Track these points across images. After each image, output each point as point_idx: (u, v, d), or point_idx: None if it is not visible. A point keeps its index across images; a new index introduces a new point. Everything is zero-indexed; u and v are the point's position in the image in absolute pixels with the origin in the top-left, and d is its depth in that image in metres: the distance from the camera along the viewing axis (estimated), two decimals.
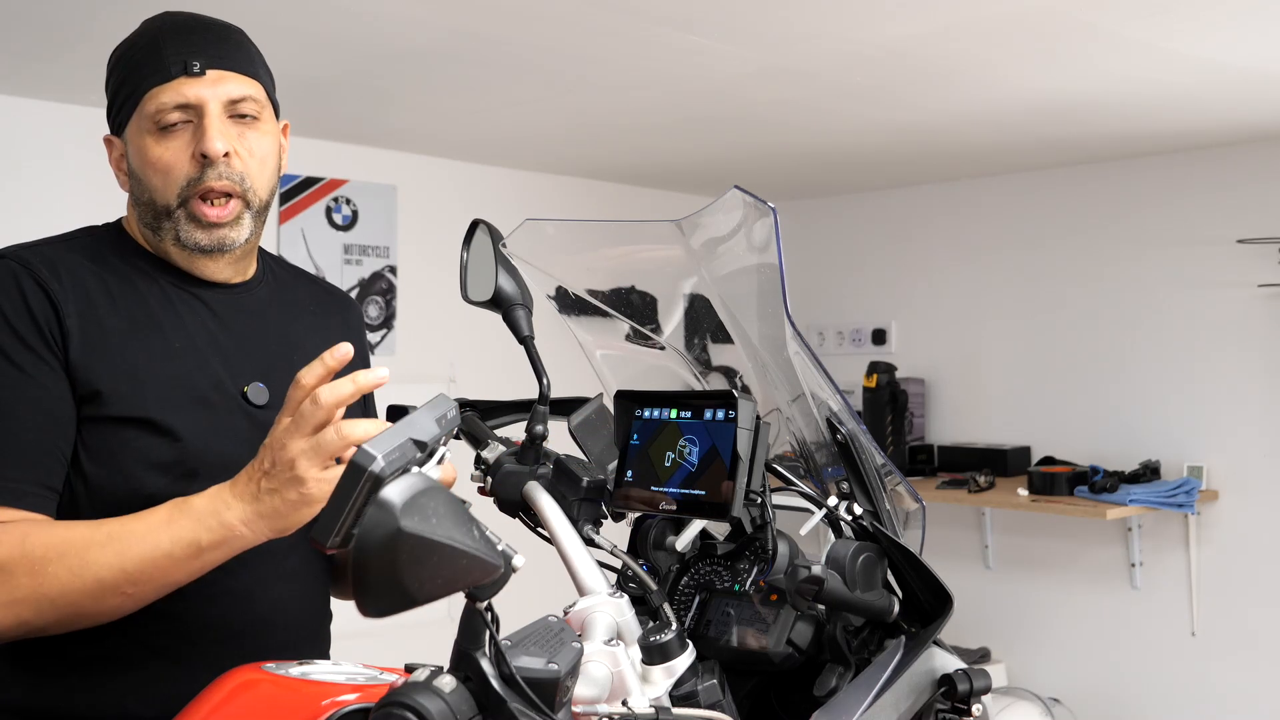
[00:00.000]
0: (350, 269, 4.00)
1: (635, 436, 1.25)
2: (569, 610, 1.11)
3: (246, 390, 1.37)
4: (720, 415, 1.18)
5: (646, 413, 1.25)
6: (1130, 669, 4.14)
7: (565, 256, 1.45)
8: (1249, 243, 3.83)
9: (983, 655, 4.35)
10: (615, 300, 1.40)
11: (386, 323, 4.08)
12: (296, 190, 3.87)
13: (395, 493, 0.79)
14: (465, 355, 4.15)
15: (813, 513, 1.26)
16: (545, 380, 1.32)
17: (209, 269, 1.40)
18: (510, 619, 0.96)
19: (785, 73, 2.99)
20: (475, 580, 0.85)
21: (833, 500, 1.27)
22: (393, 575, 0.79)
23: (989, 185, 4.54)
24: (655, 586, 1.23)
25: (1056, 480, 3.93)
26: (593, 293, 1.40)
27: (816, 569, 1.14)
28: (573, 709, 1.01)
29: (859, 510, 1.25)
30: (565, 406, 1.37)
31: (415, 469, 0.86)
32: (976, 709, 1.16)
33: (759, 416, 1.18)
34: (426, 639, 1.76)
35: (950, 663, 1.19)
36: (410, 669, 0.90)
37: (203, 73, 1.33)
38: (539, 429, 1.32)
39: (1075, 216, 4.30)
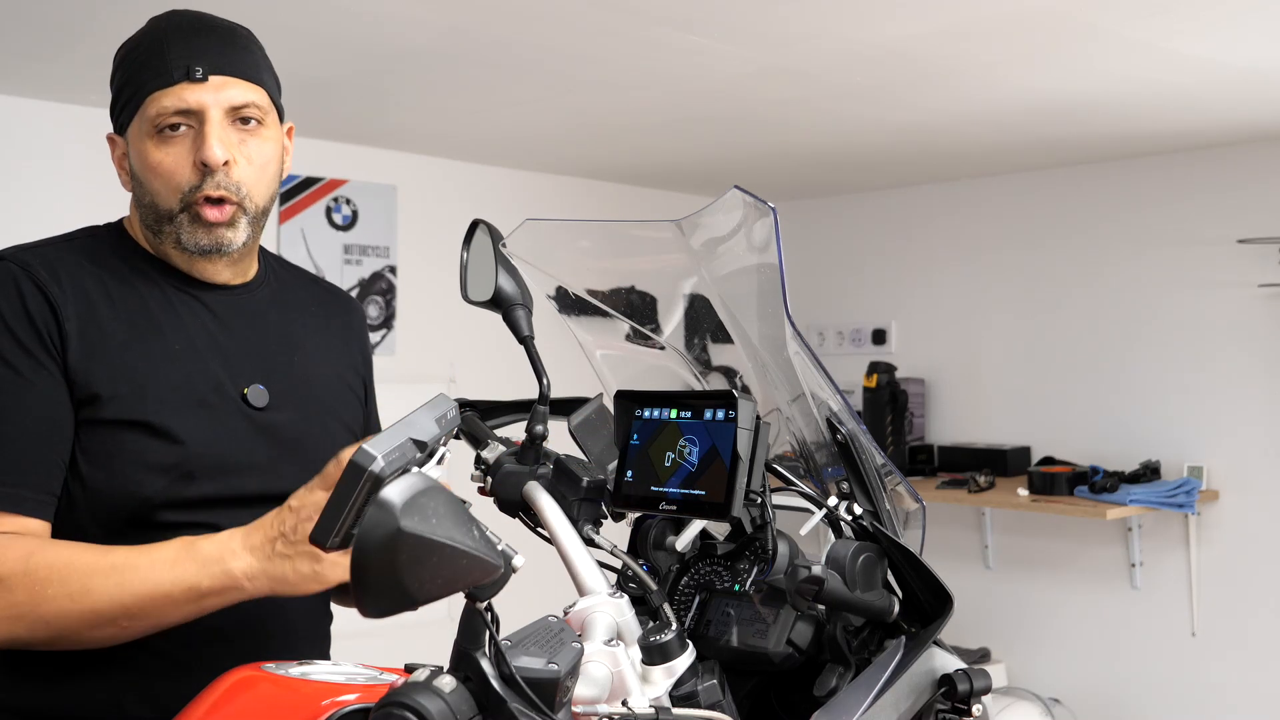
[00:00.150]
0: (350, 269, 4.00)
1: (635, 436, 1.25)
2: (569, 610, 1.11)
3: (247, 392, 1.37)
4: (720, 415, 1.18)
5: (646, 413, 1.25)
6: (1130, 669, 4.14)
7: (565, 256, 1.45)
8: (1249, 243, 3.83)
9: (983, 655, 4.35)
10: (615, 300, 1.40)
11: (386, 323, 4.08)
12: (296, 190, 3.87)
13: (395, 493, 0.79)
14: (465, 355, 4.15)
15: (813, 513, 1.26)
16: (545, 380, 1.32)
17: (209, 270, 1.40)
18: (510, 619, 0.96)
19: (785, 73, 2.99)
20: (475, 580, 0.85)
21: (833, 500, 1.26)
22: (393, 575, 0.79)
23: (989, 185, 4.54)
24: (655, 586, 1.23)
25: (1056, 480, 3.92)
26: (593, 293, 1.40)
27: (816, 569, 1.14)
28: (573, 709, 1.01)
29: (859, 510, 1.25)
30: (565, 406, 1.37)
31: (415, 469, 0.86)
32: (976, 709, 1.16)
33: (759, 416, 1.18)
34: (426, 639, 1.76)
35: (950, 663, 1.19)
36: (410, 669, 0.90)
37: (205, 78, 1.31)
38: (539, 429, 1.31)
39: (1075, 216, 4.30)
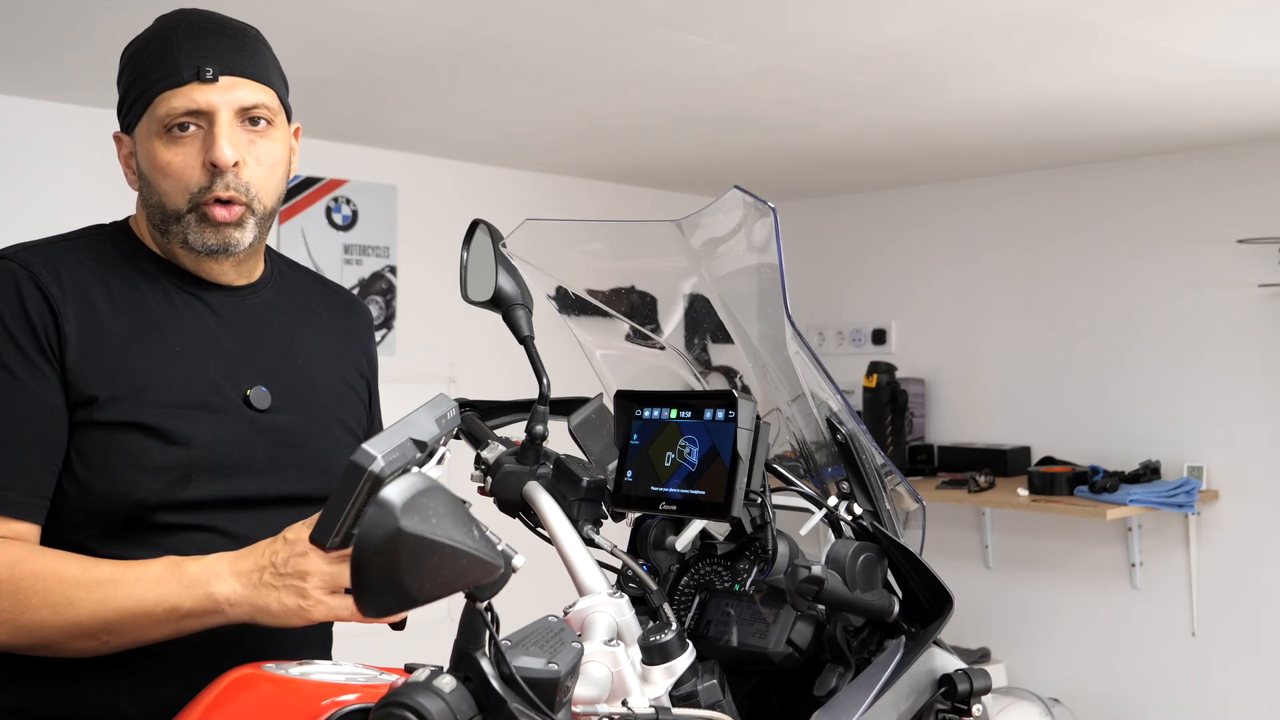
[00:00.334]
0: (350, 269, 4.00)
1: (635, 436, 1.25)
2: (569, 610, 1.11)
3: (249, 393, 1.36)
4: (720, 415, 1.18)
5: (646, 413, 1.25)
6: (1130, 669, 4.14)
7: (565, 256, 1.45)
8: (1249, 243, 3.83)
9: (983, 655, 4.35)
10: (615, 300, 1.40)
11: (386, 323, 4.08)
12: (296, 190, 3.87)
13: (395, 493, 0.79)
14: (465, 355, 4.15)
15: (813, 513, 1.27)
16: (545, 380, 1.32)
17: (214, 271, 1.40)
18: (510, 619, 0.96)
19: (785, 73, 2.99)
20: (475, 580, 0.85)
21: (833, 500, 1.27)
22: (393, 575, 0.79)
23: (989, 185, 4.54)
24: (655, 586, 1.23)
25: (1056, 480, 3.92)
26: (593, 293, 1.40)
27: (816, 569, 1.14)
28: (573, 709, 1.01)
29: (859, 510, 1.25)
30: (565, 406, 1.37)
31: (415, 469, 0.86)
32: (976, 709, 1.16)
33: (759, 416, 1.18)
34: (426, 639, 1.75)
35: (950, 663, 1.19)
36: (410, 669, 0.90)
37: (215, 79, 1.31)
38: (539, 429, 1.31)
39: (1075, 216, 4.30)
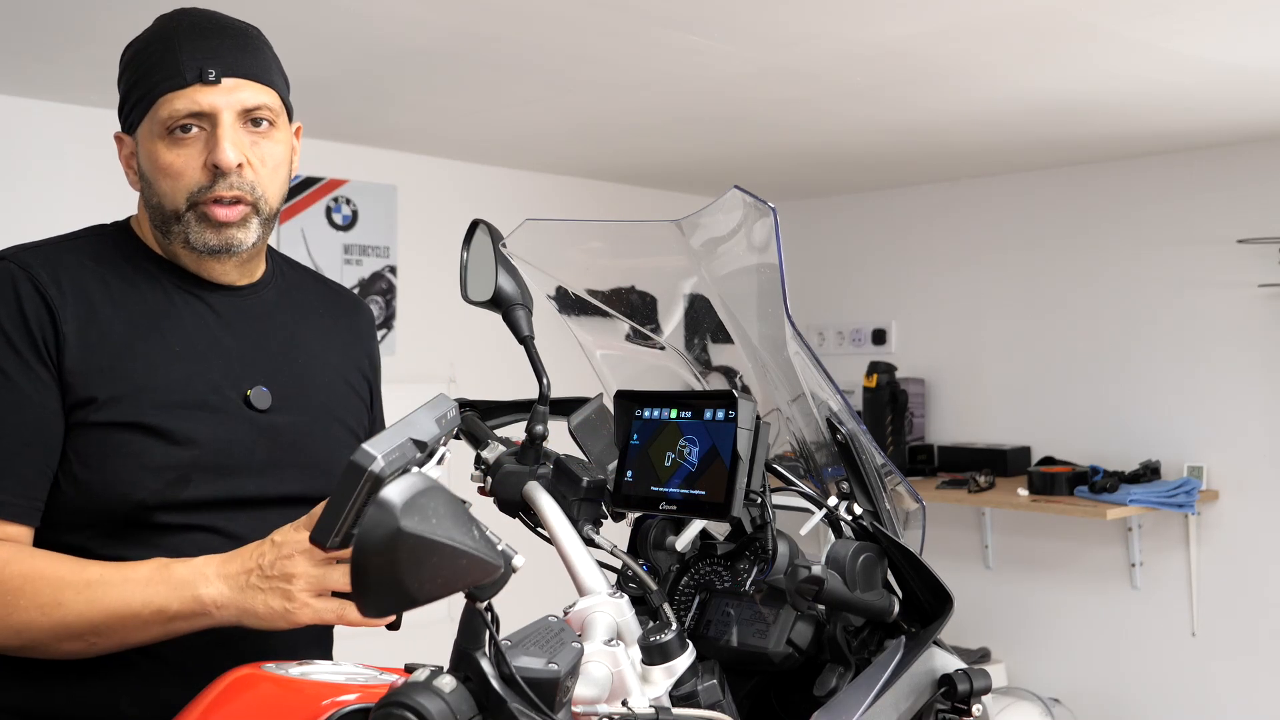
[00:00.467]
0: (350, 269, 4.00)
1: (635, 436, 1.25)
2: (569, 610, 1.11)
3: (249, 394, 1.36)
4: (720, 415, 1.18)
5: (646, 413, 1.25)
6: (1130, 669, 4.14)
7: (565, 256, 1.45)
8: (1249, 243, 3.83)
9: (983, 655, 4.35)
10: (615, 300, 1.40)
11: (386, 323, 4.08)
12: (296, 190, 3.87)
13: (395, 493, 0.79)
14: (465, 355, 4.15)
15: (813, 513, 1.26)
16: (545, 380, 1.32)
17: (216, 271, 1.39)
18: (510, 619, 0.96)
19: (785, 73, 2.99)
20: (475, 580, 0.85)
21: (833, 500, 1.27)
22: (393, 575, 0.79)
23: (989, 185, 4.54)
24: (655, 586, 1.23)
25: (1056, 480, 3.92)
26: (593, 293, 1.40)
27: (816, 569, 1.14)
28: (573, 709, 1.01)
29: (859, 510, 1.25)
30: (565, 406, 1.37)
31: (415, 469, 0.86)
32: (976, 709, 1.16)
33: (759, 416, 1.18)
34: (426, 639, 1.75)
35: (950, 663, 1.19)
36: (410, 669, 0.90)
37: (218, 80, 1.30)
38: (539, 429, 1.31)
39: (1075, 216, 4.30)
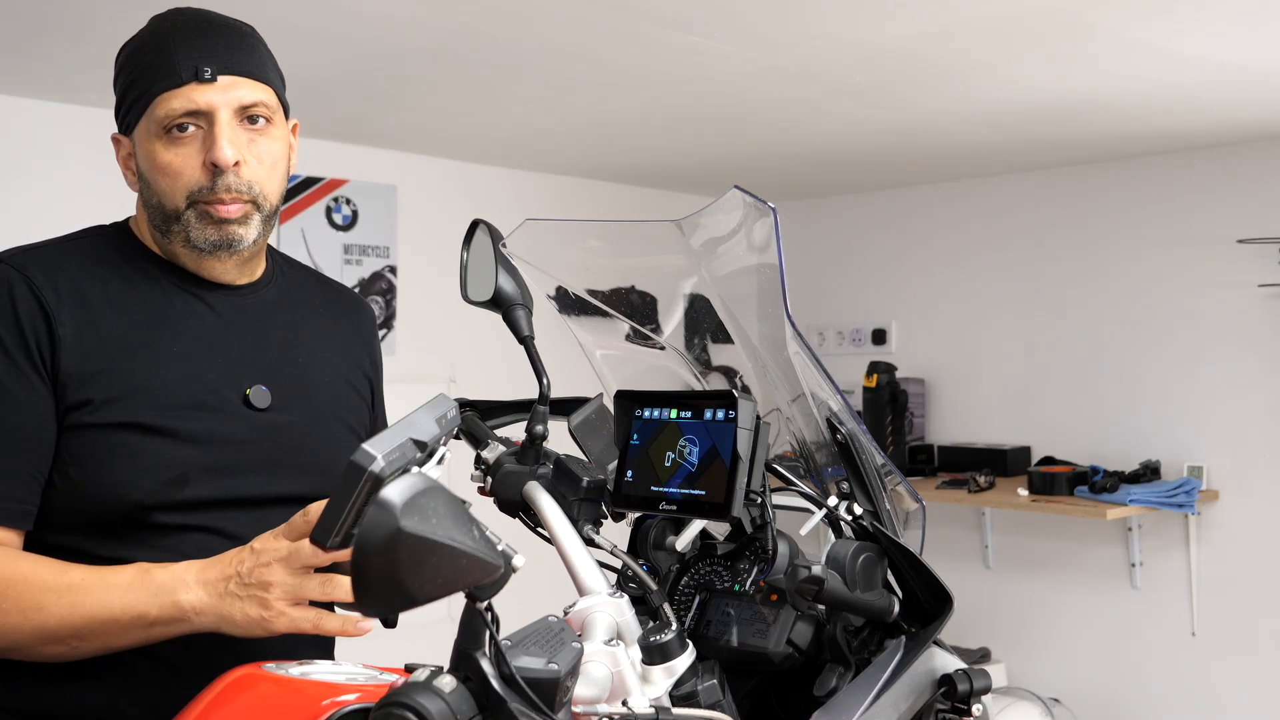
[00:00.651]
0: (350, 269, 4.00)
1: (635, 436, 1.25)
2: (569, 610, 1.11)
3: (249, 393, 1.36)
4: (720, 415, 1.18)
5: (646, 413, 1.26)
6: (1130, 669, 4.14)
7: (565, 256, 1.45)
8: (1249, 243, 3.83)
9: (983, 655, 4.35)
10: (615, 300, 1.40)
11: (386, 323, 4.08)
12: (296, 190, 3.87)
13: (395, 493, 0.79)
14: (465, 355, 4.15)
15: (813, 513, 1.27)
16: (545, 380, 1.32)
17: (216, 269, 1.39)
18: (510, 619, 0.96)
19: (785, 73, 2.99)
20: (475, 580, 0.85)
21: (833, 500, 1.27)
22: (393, 575, 0.79)
23: (989, 185, 4.54)
24: (655, 586, 1.23)
25: (1056, 480, 3.92)
26: (593, 293, 1.40)
27: (816, 569, 1.14)
28: (573, 709, 1.01)
29: (859, 510, 1.25)
30: (565, 406, 1.37)
31: (415, 469, 0.86)
32: (976, 709, 1.16)
33: (759, 416, 1.18)
34: (426, 639, 1.75)
35: (950, 663, 1.19)
36: (410, 669, 0.90)
37: (214, 78, 1.30)
38: (539, 429, 1.31)
39: (1075, 216, 4.30)
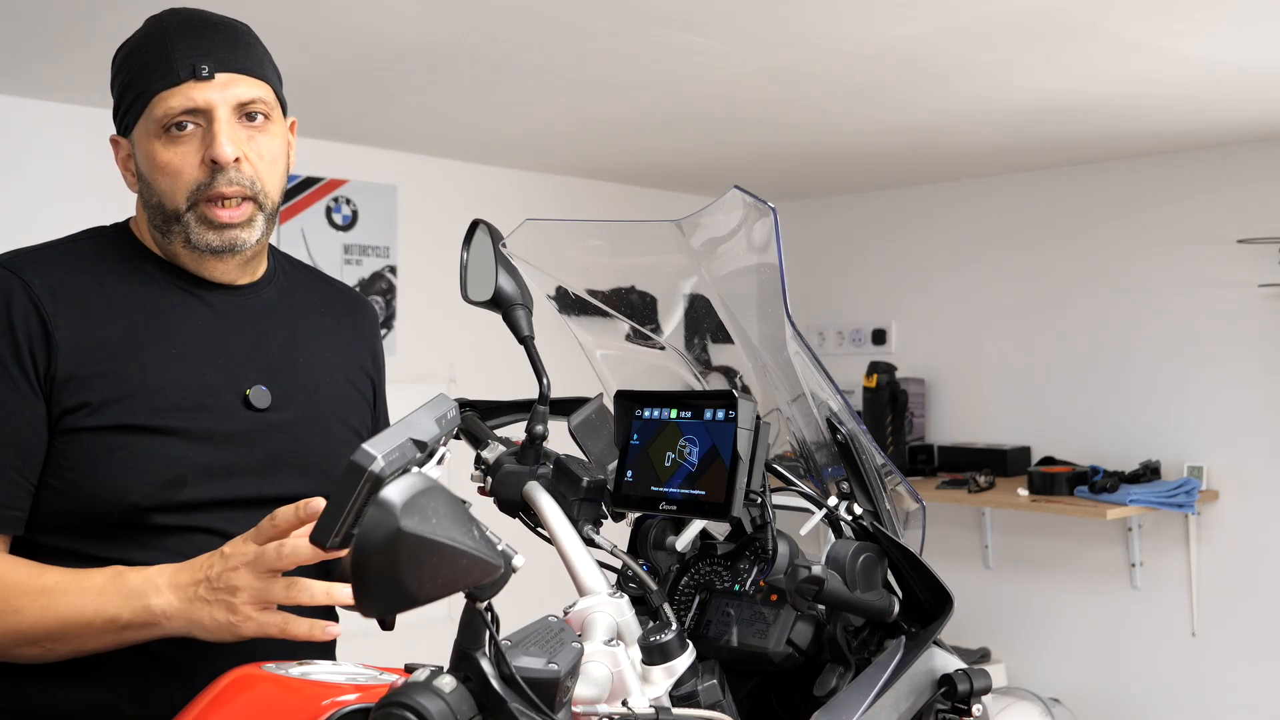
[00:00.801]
0: (350, 269, 4.00)
1: (635, 436, 1.25)
2: (569, 610, 1.11)
3: (248, 393, 1.36)
4: (720, 415, 1.18)
5: (646, 413, 1.26)
6: (1130, 669, 4.14)
7: (565, 256, 1.45)
8: (1249, 243, 3.83)
9: (983, 655, 4.35)
10: (615, 300, 1.40)
11: (386, 323, 4.08)
12: (296, 190, 3.87)
13: (395, 493, 0.79)
14: (465, 355, 4.15)
15: (813, 513, 1.26)
16: (545, 380, 1.32)
17: (217, 270, 1.39)
18: (510, 619, 0.96)
19: (785, 73, 2.99)
20: (475, 580, 0.85)
21: (833, 500, 1.27)
22: (393, 575, 0.79)
23: (989, 185, 4.54)
24: (655, 586, 1.23)
25: (1056, 480, 3.92)
26: (593, 293, 1.40)
27: (816, 569, 1.14)
28: (573, 709, 1.01)
29: (859, 510, 1.25)
30: (565, 406, 1.37)
31: (415, 469, 0.86)
32: (976, 709, 1.16)
33: (759, 416, 1.18)
34: (426, 639, 1.76)
35: (950, 663, 1.19)
36: (410, 669, 0.90)
37: (211, 76, 1.31)
38: (539, 429, 1.32)
39: (1075, 216, 4.30)
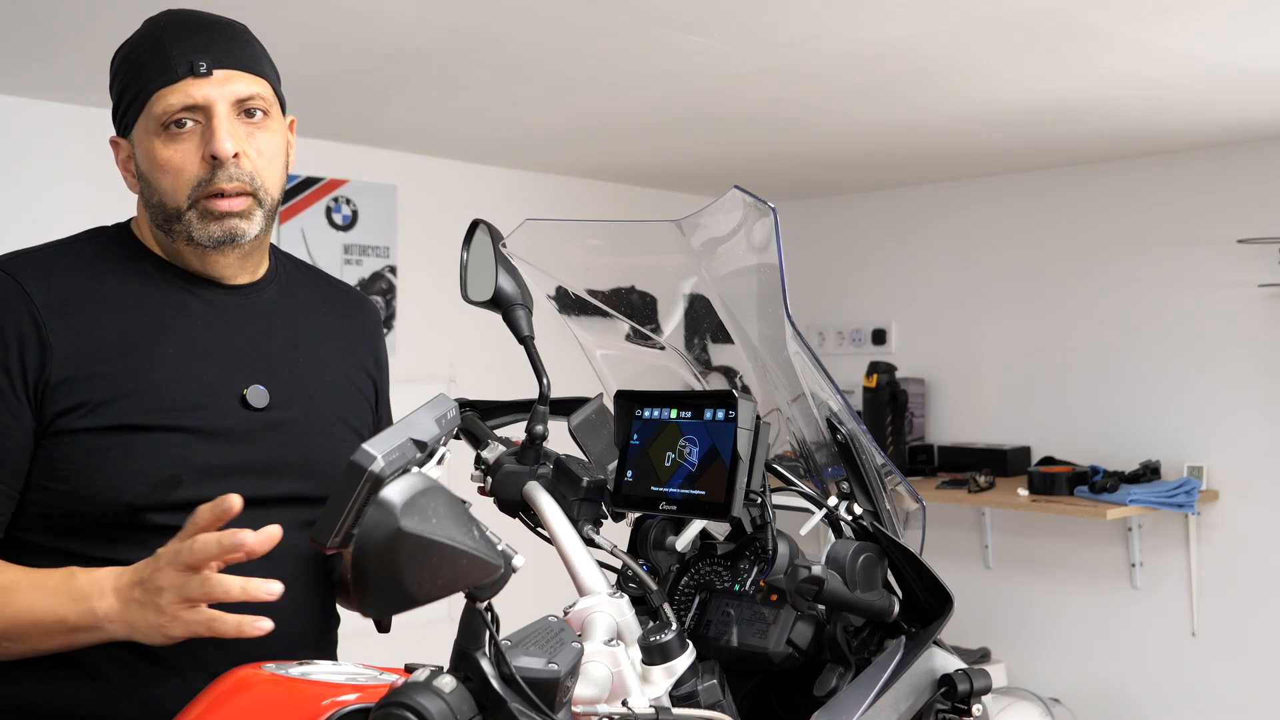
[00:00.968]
0: (350, 269, 4.00)
1: (635, 436, 1.25)
2: (569, 610, 1.12)
3: (246, 393, 1.35)
4: (720, 415, 1.18)
5: (646, 413, 1.26)
6: (1130, 669, 4.14)
7: (565, 256, 1.45)
8: (1249, 243, 3.83)
9: (983, 655, 4.35)
10: (615, 300, 1.40)
11: (386, 323, 4.08)
12: (296, 190, 3.87)
13: (395, 493, 0.79)
14: (465, 355, 4.15)
15: (813, 513, 1.27)
16: (545, 380, 1.32)
17: (220, 266, 1.39)
18: (510, 619, 0.96)
19: (785, 73, 2.99)
20: (475, 580, 0.85)
21: (833, 500, 1.27)
22: (393, 575, 0.79)
23: (989, 185, 4.54)
24: (655, 586, 1.24)
25: (1056, 480, 3.92)
26: (593, 293, 1.40)
27: (816, 569, 1.14)
28: (573, 709, 1.01)
29: (859, 510, 1.25)
30: (565, 406, 1.37)
31: (415, 469, 0.86)
32: (976, 709, 1.16)
33: (759, 416, 1.18)
34: (426, 639, 1.76)
35: (950, 663, 1.19)
36: (410, 669, 0.90)
37: (209, 72, 1.31)
38: (539, 429, 1.31)
39: (1075, 216, 4.30)
